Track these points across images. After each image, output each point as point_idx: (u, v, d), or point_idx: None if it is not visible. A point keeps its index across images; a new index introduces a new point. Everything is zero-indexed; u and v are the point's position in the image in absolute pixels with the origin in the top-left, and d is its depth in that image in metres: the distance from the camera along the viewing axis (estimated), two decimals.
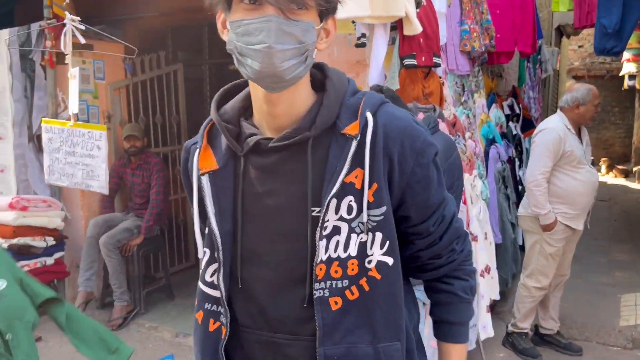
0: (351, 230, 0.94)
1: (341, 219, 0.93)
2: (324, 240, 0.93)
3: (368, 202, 0.93)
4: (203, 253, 1.02)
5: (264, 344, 0.99)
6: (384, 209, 0.94)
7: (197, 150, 1.00)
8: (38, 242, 4.01)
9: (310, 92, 0.97)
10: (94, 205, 4.51)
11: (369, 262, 0.94)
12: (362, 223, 0.93)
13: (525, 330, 3.44)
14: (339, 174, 0.92)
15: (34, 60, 4.26)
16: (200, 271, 1.04)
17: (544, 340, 3.51)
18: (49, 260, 4.13)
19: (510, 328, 3.48)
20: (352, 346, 0.94)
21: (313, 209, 0.94)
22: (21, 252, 3.93)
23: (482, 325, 3.14)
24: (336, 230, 0.94)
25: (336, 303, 0.93)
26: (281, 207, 0.95)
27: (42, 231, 4.05)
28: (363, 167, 0.92)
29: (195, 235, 1.03)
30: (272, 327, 0.98)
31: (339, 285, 0.94)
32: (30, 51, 4.19)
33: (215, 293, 1.01)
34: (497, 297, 3.59)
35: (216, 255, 0.99)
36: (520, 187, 4.59)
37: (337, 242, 0.93)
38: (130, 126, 4.30)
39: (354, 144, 0.92)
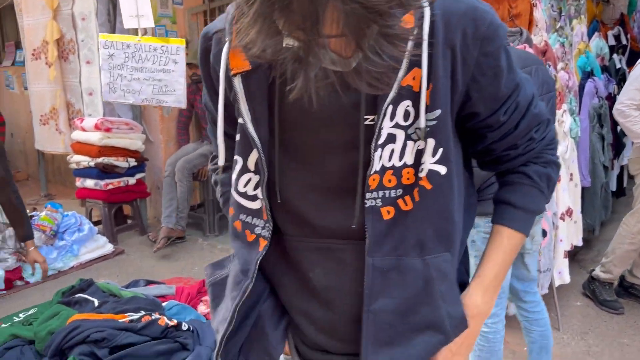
0: (407, 137, 0.84)
1: (397, 126, 0.84)
2: (379, 150, 0.84)
3: (426, 105, 0.82)
4: (235, 161, 0.94)
5: (314, 250, 0.93)
6: (437, 112, 0.83)
7: (227, 45, 0.88)
8: (121, 163, 4.23)
9: None
10: (172, 130, 4.65)
11: (421, 170, 0.86)
12: (419, 129, 0.84)
13: (612, 280, 3.18)
14: (396, 78, 0.80)
15: None
16: (233, 180, 0.96)
17: (629, 293, 3.24)
18: (131, 180, 4.36)
19: (596, 272, 3.22)
20: (401, 258, 0.88)
21: (366, 117, 0.84)
22: (106, 171, 4.17)
23: (558, 271, 2.94)
24: (391, 139, 0.84)
25: (388, 212, 0.87)
26: (328, 117, 0.85)
27: (124, 152, 4.26)
28: (421, 66, 0.81)
29: (218, 140, 0.94)
30: (321, 234, 0.92)
31: (392, 195, 0.86)
32: None
33: (251, 204, 0.94)
34: (579, 243, 3.35)
35: (253, 165, 0.91)
36: (619, 128, 4.15)
37: (392, 150, 0.85)
38: (192, 53, 4.26)
39: (410, 41, 0.78)
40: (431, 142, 0.84)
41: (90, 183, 4.25)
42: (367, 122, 0.84)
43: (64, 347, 2.07)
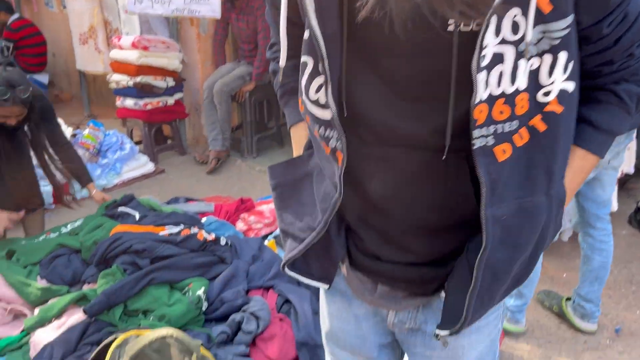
0: (519, 55, 0.70)
1: (504, 41, 0.69)
2: (484, 73, 0.69)
3: (542, 13, 0.68)
4: (304, 64, 0.82)
5: (374, 158, 0.84)
6: (569, 19, 0.70)
7: None
8: (159, 82, 4.22)
9: None
10: (209, 49, 4.57)
11: (546, 93, 0.73)
12: (532, 44, 0.71)
13: None
14: (492, 4, 0.65)
15: None
16: (303, 85, 0.84)
17: None
18: (170, 100, 4.36)
19: None
20: (524, 200, 0.78)
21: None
22: (144, 90, 4.17)
23: None
24: (498, 58, 0.70)
25: (504, 152, 0.74)
26: (414, 15, 0.68)
27: (162, 72, 4.23)
28: None
29: (280, 36, 0.83)
30: (385, 142, 0.82)
31: (507, 129, 0.73)
32: None
33: (323, 114, 0.83)
34: (631, 171, 3.19)
35: (320, 66, 0.78)
36: None
37: (501, 73, 0.70)
38: None
39: None
40: (563, 55, 0.72)
41: (129, 102, 4.27)
42: (460, 29, 0.70)
43: (108, 256, 2.15)
